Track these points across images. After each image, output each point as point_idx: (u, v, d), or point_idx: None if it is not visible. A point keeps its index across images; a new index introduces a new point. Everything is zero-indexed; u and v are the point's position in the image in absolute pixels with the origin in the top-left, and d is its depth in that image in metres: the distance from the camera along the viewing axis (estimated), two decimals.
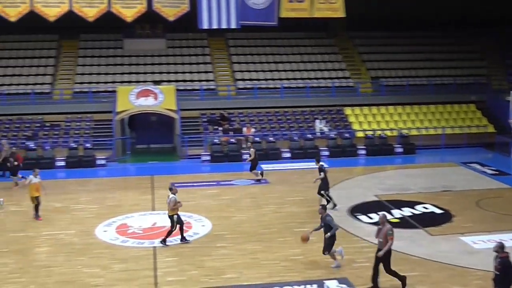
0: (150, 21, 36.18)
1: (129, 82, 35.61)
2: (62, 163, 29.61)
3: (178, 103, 32.84)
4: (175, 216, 17.92)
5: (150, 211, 21.73)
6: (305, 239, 16.26)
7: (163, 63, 37.85)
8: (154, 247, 17.87)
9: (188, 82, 36.40)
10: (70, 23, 31.43)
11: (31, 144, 30.33)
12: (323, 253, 15.89)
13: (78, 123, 33.39)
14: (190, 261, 16.66)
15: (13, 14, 29.08)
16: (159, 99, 32.42)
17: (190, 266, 16.31)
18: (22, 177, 25.21)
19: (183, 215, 18.76)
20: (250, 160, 26.53)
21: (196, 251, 17.46)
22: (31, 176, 21.15)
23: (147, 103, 32.23)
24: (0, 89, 34.46)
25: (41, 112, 33.65)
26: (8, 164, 26.65)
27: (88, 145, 30.64)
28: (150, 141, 34.84)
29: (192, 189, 24.97)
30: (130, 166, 30.88)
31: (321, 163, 22.11)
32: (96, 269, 16.22)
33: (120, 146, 32.29)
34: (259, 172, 26.51)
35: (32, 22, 30.28)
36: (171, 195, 17.94)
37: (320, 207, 16.16)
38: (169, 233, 18.06)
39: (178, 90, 34.01)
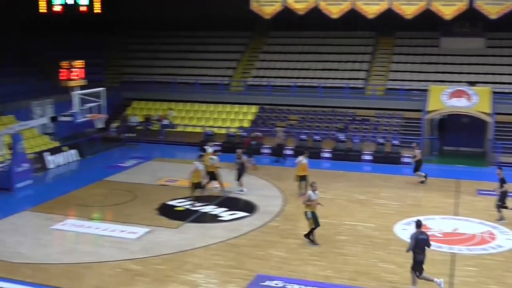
0: (470, 19, 34.78)
1: (442, 81, 34.77)
2: (369, 157, 30.24)
3: (494, 106, 31.05)
4: (308, 213, 17.79)
5: (452, 216, 20.97)
6: None
7: (480, 64, 36.12)
8: (453, 253, 17.22)
9: (506, 85, 34.16)
10: (388, 21, 31.96)
11: (341, 136, 31.62)
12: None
13: (387, 120, 33.80)
14: (490, 274, 15.66)
15: (335, 11, 30.74)
16: (472, 101, 31.06)
17: (490, 279, 15.34)
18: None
19: (489, 225, 17.76)
20: (415, 161, 25.82)
21: (499, 265, 16.34)
22: (301, 158, 23.20)
23: (459, 104, 31.12)
24: (318, 82, 36.55)
25: (353, 106, 34.88)
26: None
27: (395, 142, 30.82)
28: (458, 143, 33.61)
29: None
30: (435, 167, 30.11)
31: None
32: (392, 265, 16.24)
33: (427, 145, 31.79)
34: (423, 174, 25.59)
35: (351, 19, 31.49)
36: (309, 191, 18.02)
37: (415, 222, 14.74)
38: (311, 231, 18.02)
39: (494, 92, 32.11)
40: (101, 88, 26.88)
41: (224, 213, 21.01)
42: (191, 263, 16.50)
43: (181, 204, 22.16)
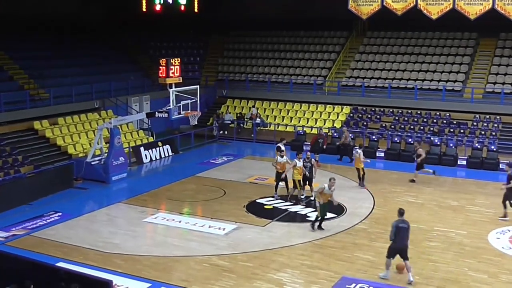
0: None
1: None
2: (463, 162, 29.18)
3: None
4: (318, 202, 18.84)
5: None
6: (401, 269, 15.51)
7: None
8: None
9: None
10: (490, 21, 30.72)
11: (436, 140, 30.71)
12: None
13: (485, 124, 32.52)
14: None
15: (435, 11, 29.93)
16: None
17: None
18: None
19: None
20: (420, 161, 25.74)
21: None
22: (360, 151, 24.69)
23: None
24: (414, 84, 35.72)
25: (449, 109, 33.78)
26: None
27: (492, 147, 29.61)
28: None
29: None
30: None
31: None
32: (484, 275, 15.65)
33: None
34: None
35: (451, 20, 30.52)
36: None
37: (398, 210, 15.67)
38: (319, 220, 19.10)
39: None
40: (196, 86, 27.45)
41: (312, 214, 20.95)
42: (277, 261, 16.59)
43: (270, 202, 22.33)
